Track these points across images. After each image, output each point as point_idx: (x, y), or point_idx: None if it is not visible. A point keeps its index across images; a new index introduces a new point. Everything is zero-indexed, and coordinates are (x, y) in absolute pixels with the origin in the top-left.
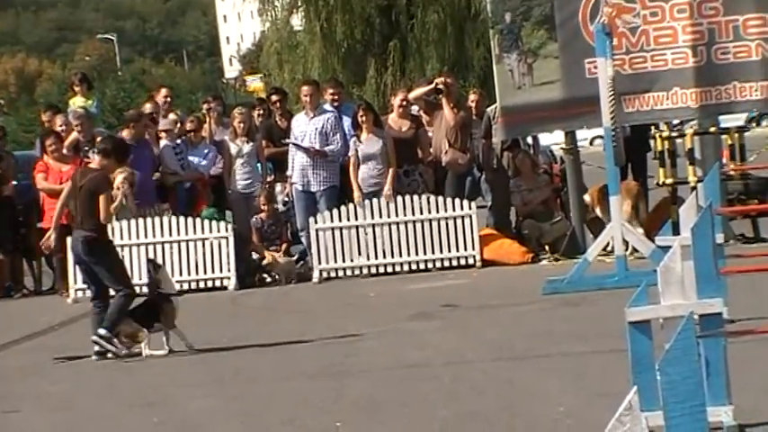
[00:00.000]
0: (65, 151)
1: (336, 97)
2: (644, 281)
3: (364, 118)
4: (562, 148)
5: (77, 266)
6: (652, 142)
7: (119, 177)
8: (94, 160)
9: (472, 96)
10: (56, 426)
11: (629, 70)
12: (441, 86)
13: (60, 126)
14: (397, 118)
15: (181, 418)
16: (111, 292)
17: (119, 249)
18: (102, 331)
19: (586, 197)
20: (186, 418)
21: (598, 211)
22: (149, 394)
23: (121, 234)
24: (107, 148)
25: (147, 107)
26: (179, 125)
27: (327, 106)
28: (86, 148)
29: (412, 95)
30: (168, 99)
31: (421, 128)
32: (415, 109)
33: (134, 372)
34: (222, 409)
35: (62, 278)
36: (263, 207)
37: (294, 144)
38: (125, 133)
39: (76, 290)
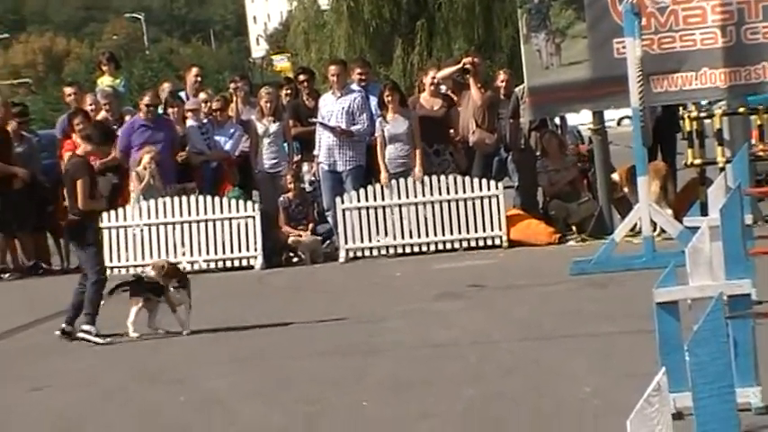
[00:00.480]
0: None
1: (364, 77)
2: (672, 262)
3: (390, 98)
4: (590, 129)
5: None
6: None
7: (145, 157)
8: (80, 146)
9: (502, 76)
10: (81, 403)
11: (658, 50)
12: (468, 66)
13: (89, 105)
14: (428, 96)
15: (205, 395)
16: None
17: (146, 228)
18: (85, 327)
19: (615, 176)
20: (211, 395)
21: (626, 191)
22: (174, 372)
23: (149, 213)
24: (88, 134)
25: (166, 86)
26: (206, 104)
27: (354, 86)
28: (114, 127)
29: (439, 75)
30: (199, 78)
31: (453, 107)
32: (443, 89)
33: (159, 349)
34: (247, 388)
35: None
36: (289, 186)
37: (321, 124)
38: (141, 114)
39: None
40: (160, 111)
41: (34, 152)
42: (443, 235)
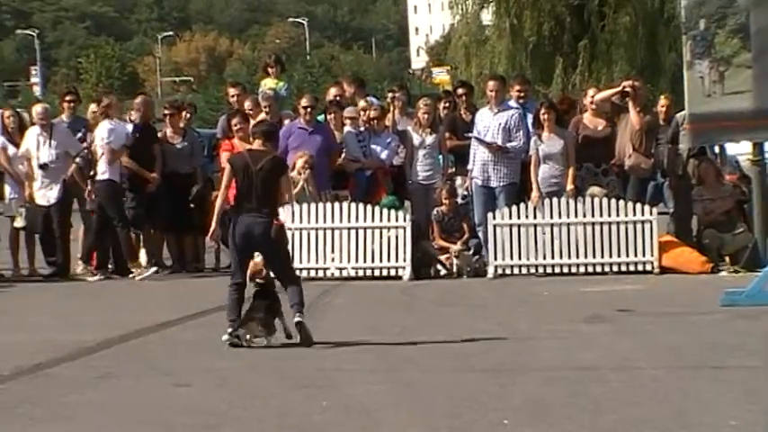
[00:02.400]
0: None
1: (523, 94)
2: None
3: (546, 116)
4: (748, 159)
5: (238, 249)
6: None
7: (299, 161)
8: (255, 143)
9: (663, 101)
10: (221, 402)
11: None
12: (628, 89)
13: (248, 108)
14: (591, 116)
15: (347, 402)
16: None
17: (297, 233)
18: (298, 319)
19: None
20: (353, 403)
21: None
22: (317, 378)
23: (300, 218)
24: (268, 133)
25: (332, 92)
26: (364, 112)
27: (512, 102)
28: None
29: (598, 97)
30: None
31: (616, 126)
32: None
33: (302, 355)
34: (388, 398)
35: None
36: (444, 201)
37: (476, 138)
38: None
39: None
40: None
41: (196, 149)
42: (594, 257)
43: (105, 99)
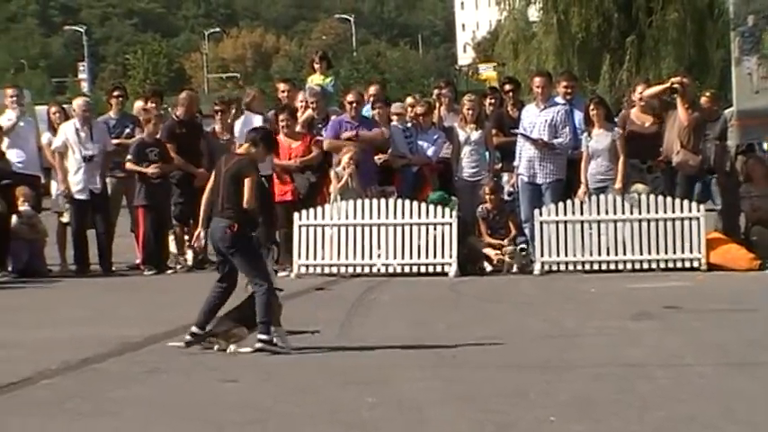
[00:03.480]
0: (298, 128)
1: (569, 90)
2: None
3: (595, 112)
4: None
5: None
6: None
7: (345, 157)
8: (242, 147)
9: (704, 99)
10: (269, 398)
11: None
12: (676, 86)
13: (300, 102)
14: (638, 112)
15: (396, 398)
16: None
17: (343, 229)
18: (262, 336)
19: None
20: (401, 399)
21: None
22: (364, 374)
23: (346, 214)
24: (256, 138)
25: (372, 89)
26: (411, 108)
27: (559, 99)
28: (320, 126)
29: (646, 93)
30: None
31: (662, 123)
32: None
33: (348, 352)
34: (435, 394)
35: (287, 253)
36: (488, 197)
37: (522, 135)
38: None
39: (300, 265)
40: (367, 113)
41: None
42: (641, 254)
43: (249, 91)
